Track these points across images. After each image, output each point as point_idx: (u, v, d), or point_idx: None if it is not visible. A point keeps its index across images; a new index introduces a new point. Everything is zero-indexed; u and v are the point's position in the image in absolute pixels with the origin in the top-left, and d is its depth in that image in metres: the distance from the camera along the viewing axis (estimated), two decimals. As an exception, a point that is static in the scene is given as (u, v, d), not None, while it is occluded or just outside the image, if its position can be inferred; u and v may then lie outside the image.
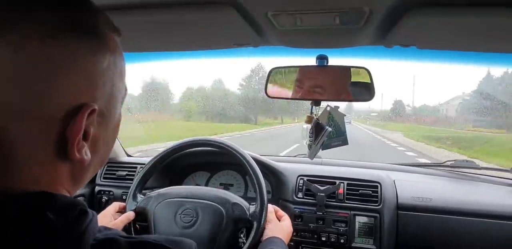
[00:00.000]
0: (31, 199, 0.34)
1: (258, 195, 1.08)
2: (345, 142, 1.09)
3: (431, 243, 1.22)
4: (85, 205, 0.38)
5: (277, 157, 1.62)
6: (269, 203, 1.09)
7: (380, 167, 1.54)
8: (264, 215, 1.05)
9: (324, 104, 1.06)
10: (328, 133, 1.02)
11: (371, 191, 1.27)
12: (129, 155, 1.77)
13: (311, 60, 0.98)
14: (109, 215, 1.09)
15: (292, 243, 1.26)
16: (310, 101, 1.05)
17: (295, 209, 1.29)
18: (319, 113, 1.07)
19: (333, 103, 1.08)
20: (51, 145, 0.36)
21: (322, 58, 0.97)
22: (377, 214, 1.23)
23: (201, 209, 1.07)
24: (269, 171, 1.38)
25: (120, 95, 0.44)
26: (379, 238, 1.21)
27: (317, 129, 1.04)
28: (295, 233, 1.23)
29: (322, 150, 1.09)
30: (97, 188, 1.54)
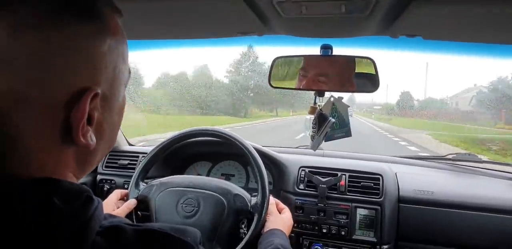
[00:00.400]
0: (37, 185, 0.34)
1: (260, 187, 1.08)
2: (348, 134, 1.09)
3: (432, 236, 1.22)
4: (91, 192, 0.38)
5: (279, 148, 1.62)
6: (271, 194, 1.10)
7: (382, 160, 1.53)
8: (265, 207, 1.05)
9: (327, 95, 1.05)
10: (331, 124, 1.01)
11: (372, 184, 1.27)
12: (131, 144, 1.78)
13: (315, 50, 0.97)
14: (111, 203, 1.10)
15: (293, 234, 1.27)
16: (312, 92, 1.04)
17: (297, 200, 1.29)
18: (323, 104, 1.06)
19: (336, 94, 1.07)
20: (56, 131, 0.36)
21: (326, 47, 0.96)
22: (378, 207, 1.23)
23: (203, 199, 1.08)
24: (271, 162, 1.38)
25: (123, 78, 0.43)
26: (379, 231, 1.21)
27: (320, 120, 1.03)
28: (296, 225, 1.23)
29: (325, 142, 1.08)
30: (99, 177, 1.55)
